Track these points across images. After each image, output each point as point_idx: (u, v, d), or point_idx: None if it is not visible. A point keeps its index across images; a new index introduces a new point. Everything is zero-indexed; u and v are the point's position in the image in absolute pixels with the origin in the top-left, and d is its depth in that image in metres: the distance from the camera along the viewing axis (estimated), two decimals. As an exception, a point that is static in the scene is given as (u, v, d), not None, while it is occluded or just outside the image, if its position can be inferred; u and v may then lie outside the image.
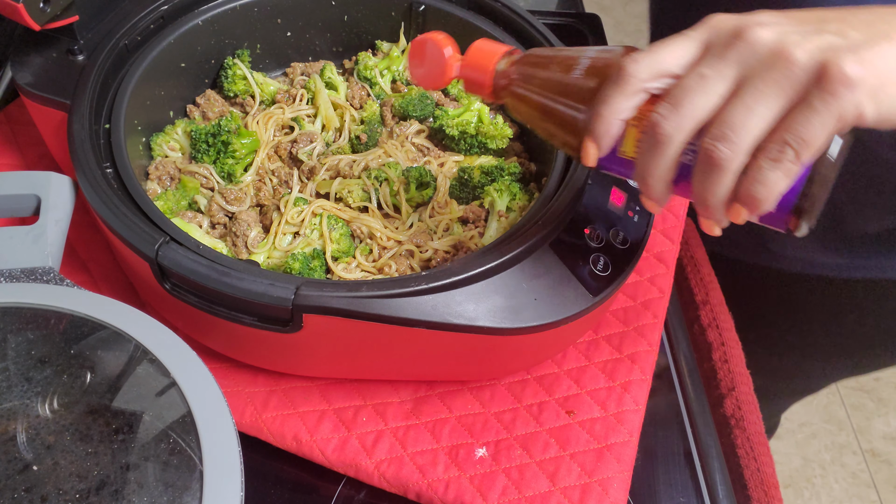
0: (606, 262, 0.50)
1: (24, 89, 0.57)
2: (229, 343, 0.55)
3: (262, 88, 0.69)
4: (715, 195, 0.36)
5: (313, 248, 0.57)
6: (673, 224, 0.70)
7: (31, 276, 0.49)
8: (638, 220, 0.54)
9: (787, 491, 1.57)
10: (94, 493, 0.37)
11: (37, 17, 0.53)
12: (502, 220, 0.59)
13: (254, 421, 0.54)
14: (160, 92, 0.64)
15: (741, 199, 0.35)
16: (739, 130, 0.34)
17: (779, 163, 0.33)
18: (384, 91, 0.72)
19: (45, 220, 0.53)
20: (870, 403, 1.71)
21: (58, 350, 0.44)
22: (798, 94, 0.33)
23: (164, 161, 0.62)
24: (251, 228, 0.58)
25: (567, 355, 0.60)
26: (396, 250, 0.57)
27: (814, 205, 0.36)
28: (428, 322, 0.46)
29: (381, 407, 0.56)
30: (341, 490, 0.54)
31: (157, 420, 0.41)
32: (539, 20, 0.66)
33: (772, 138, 0.34)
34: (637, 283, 0.65)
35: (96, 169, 0.51)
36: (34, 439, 0.39)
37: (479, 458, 0.53)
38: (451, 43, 0.46)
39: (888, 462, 1.62)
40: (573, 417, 0.56)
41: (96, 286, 0.62)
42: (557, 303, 0.48)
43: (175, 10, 0.64)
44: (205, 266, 0.47)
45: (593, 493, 0.52)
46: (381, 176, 0.61)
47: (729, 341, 0.66)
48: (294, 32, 0.72)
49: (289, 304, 0.45)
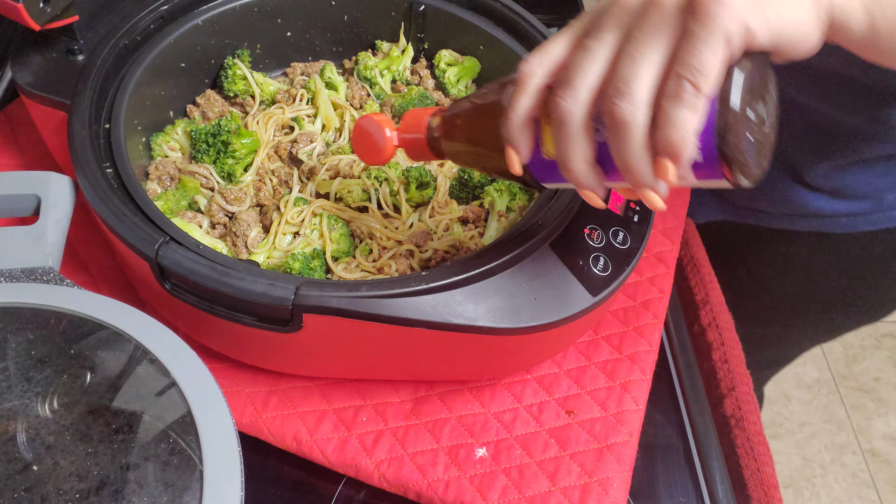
0: (606, 262, 0.50)
1: (24, 89, 0.57)
2: (229, 343, 0.55)
3: (262, 88, 0.69)
4: (634, 157, 0.35)
5: (313, 248, 0.57)
6: (673, 224, 0.70)
7: (31, 276, 0.49)
8: (638, 220, 0.54)
9: (787, 491, 1.57)
10: (94, 493, 0.37)
11: (37, 17, 0.53)
12: (502, 220, 0.59)
13: (254, 421, 0.54)
14: (160, 92, 0.64)
15: (660, 150, 0.35)
16: (631, 81, 0.34)
17: (680, 99, 0.33)
18: (384, 91, 0.72)
19: (45, 220, 0.53)
20: (870, 403, 1.71)
21: (58, 350, 0.44)
22: (677, 29, 0.34)
23: (164, 161, 0.62)
24: (251, 228, 0.58)
25: (567, 355, 0.60)
26: (396, 250, 0.57)
27: (742, 147, 0.35)
28: (428, 322, 0.46)
29: (381, 407, 0.56)
30: (341, 490, 0.54)
31: (157, 420, 0.41)
32: (539, 19, 0.66)
33: (667, 79, 0.34)
34: (637, 283, 0.65)
35: (96, 169, 0.51)
36: (34, 439, 0.39)
37: (479, 458, 0.53)
38: (388, 121, 0.50)
39: (888, 462, 1.62)
40: (573, 417, 0.56)
41: (96, 286, 0.62)
42: (557, 303, 0.48)
43: (175, 10, 0.64)
44: (205, 266, 0.47)
45: (593, 493, 0.52)
46: (381, 176, 0.61)
47: (729, 341, 0.66)
48: (294, 32, 0.72)
49: (289, 304, 0.45)
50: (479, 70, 0.72)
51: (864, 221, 0.72)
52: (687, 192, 0.74)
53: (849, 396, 1.73)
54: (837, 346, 1.83)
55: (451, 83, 0.72)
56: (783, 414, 1.70)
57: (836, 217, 0.73)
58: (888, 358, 1.81)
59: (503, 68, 0.68)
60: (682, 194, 0.73)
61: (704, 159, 0.35)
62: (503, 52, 0.67)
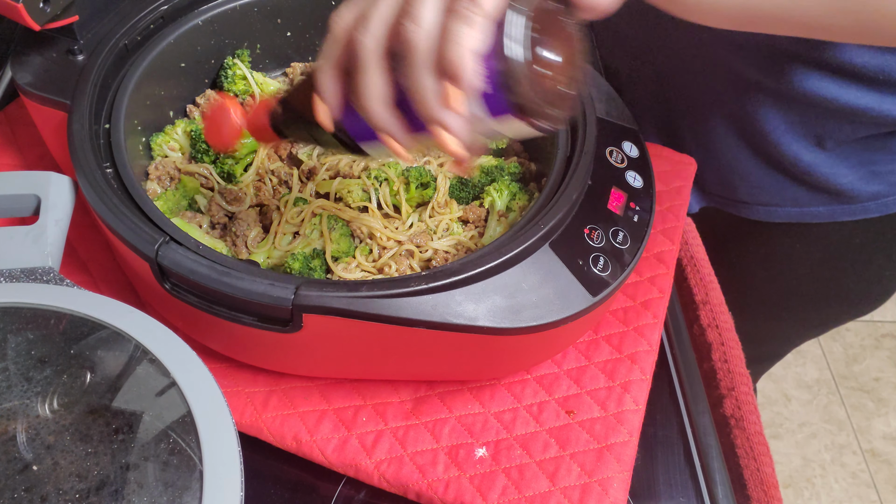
0: (606, 262, 0.50)
1: (24, 89, 0.57)
2: (229, 343, 0.55)
3: (262, 88, 0.69)
4: (422, 82, 0.36)
5: (313, 248, 0.57)
6: (673, 224, 0.70)
7: (31, 276, 0.49)
8: (638, 220, 0.54)
9: (787, 491, 1.57)
10: (94, 493, 0.37)
11: (37, 17, 0.53)
12: (502, 220, 0.59)
13: (254, 421, 0.54)
14: (160, 92, 0.64)
15: (443, 70, 0.35)
16: (418, 3, 0.35)
17: (458, 13, 0.34)
18: (384, 91, 0.72)
19: (45, 220, 0.53)
20: (870, 403, 1.72)
21: (58, 350, 0.44)
22: None
23: (164, 161, 0.62)
24: (251, 228, 0.58)
25: (567, 355, 0.60)
26: (396, 250, 0.57)
27: (529, 82, 0.35)
28: (428, 322, 0.46)
29: (381, 407, 0.56)
30: (341, 490, 0.54)
31: (157, 420, 0.41)
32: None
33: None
34: (637, 283, 0.65)
35: (96, 169, 0.51)
36: (34, 439, 0.39)
37: (479, 458, 0.53)
38: (236, 104, 0.51)
39: (888, 462, 1.62)
40: (573, 417, 0.56)
41: (96, 286, 0.62)
42: (557, 303, 0.48)
43: (175, 10, 0.64)
44: (205, 266, 0.47)
45: (593, 493, 0.52)
46: (381, 176, 0.61)
47: (729, 341, 0.66)
48: (294, 32, 0.72)
49: (289, 304, 0.45)
50: (479, 70, 0.72)
51: (842, 212, 0.73)
52: (687, 191, 0.73)
53: (849, 396, 1.73)
54: (837, 346, 1.83)
55: (451, 83, 0.71)
56: (783, 414, 1.70)
57: (814, 207, 0.73)
58: (888, 358, 1.81)
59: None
60: (681, 193, 0.73)
61: (493, 90, 0.35)
62: (503, 52, 0.67)
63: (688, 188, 0.74)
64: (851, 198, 0.71)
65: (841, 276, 0.79)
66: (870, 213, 0.72)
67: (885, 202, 0.71)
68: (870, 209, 0.71)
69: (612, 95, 0.62)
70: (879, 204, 0.71)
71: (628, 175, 0.56)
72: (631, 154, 0.58)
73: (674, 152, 0.76)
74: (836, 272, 0.78)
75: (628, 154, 0.58)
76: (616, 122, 0.60)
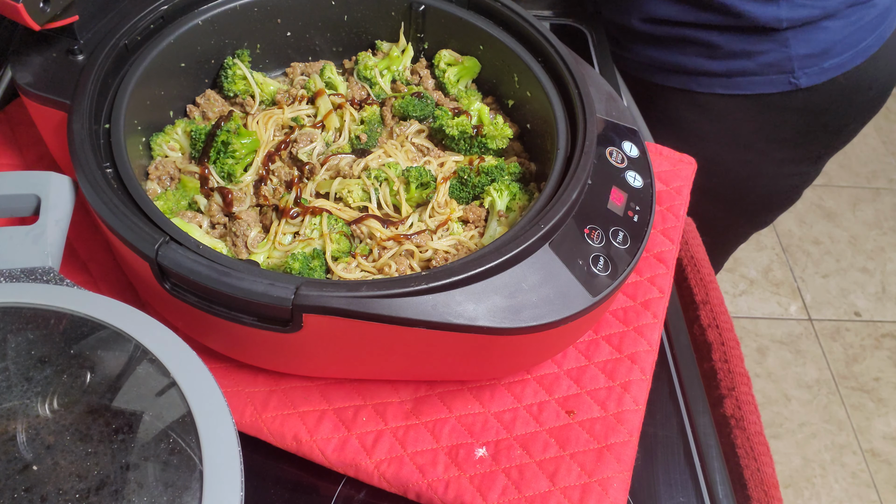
0: (606, 262, 0.50)
1: (23, 89, 0.57)
2: (229, 343, 0.55)
3: (262, 88, 0.69)
4: None
5: (313, 248, 0.57)
6: (673, 224, 0.70)
7: (31, 276, 0.49)
8: (638, 220, 0.54)
9: (787, 491, 1.57)
10: (94, 493, 0.37)
11: (37, 17, 0.53)
12: (502, 220, 0.59)
13: (254, 421, 0.54)
14: (160, 92, 0.64)
15: None
16: None
17: None
18: (384, 91, 0.72)
19: (45, 220, 0.53)
20: (870, 403, 1.72)
21: (58, 350, 0.44)
22: None
23: (164, 161, 0.62)
24: (251, 228, 0.58)
25: (567, 355, 0.60)
26: (396, 250, 0.57)
27: None
28: (428, 322, 0.46)
29: (381, 407, 0.56)
30: (341, 490, 0.54)
31: (157, 420, 0.41)
32: (538, 18, 0.66)
33: None
34: (637, 283, 0.65)
35: (96, 169, 0.51)
36: (34, 439, 0.39)
37: (479, 458, 0.53)
38: None
39: (888, 462, 1.62)
40: (573, 417, 0.56)
41: (96, 286, 0.62)
42: (557, 303, 0.48)
43: (175, 10, 0.64)
44: (205, 266, 0.47)
45: (593, 493, 0.52)
46: (381, 176, 0.61)
47: (729, 341, 0.66)
48: (294, 32, 0.72)
49: (289, 303, 0.45)
50: (479, 70, 0.72)
51: (720, 84, 0.73)
52: (687, 191, 0.73)
53: (849, 396, 1.73)
54: (837, 346, 1.83)
55: (450, 83, 0.72)
56: (783, 414, 1.70)
57: (699, 76, 0.74)
58: (888, 358, 1.81)
59: (503, 68, 0.68)
60: (681, 193, 0.73)
61: None
62: (503, 51, 0.67)
63: (688, 188, 0.74)
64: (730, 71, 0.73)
65: (738, 152, 0.82)
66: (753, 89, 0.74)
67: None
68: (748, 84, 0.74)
69: (612, 95, 0.62)
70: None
71: (628, 175, 0.56)
72: (631, 154, 0.58)
73: (674, 152, 0.76)
74: (728, 146, 0.82)
75: (628, 154, 0.58)
76: (616, 122, 0.60)
